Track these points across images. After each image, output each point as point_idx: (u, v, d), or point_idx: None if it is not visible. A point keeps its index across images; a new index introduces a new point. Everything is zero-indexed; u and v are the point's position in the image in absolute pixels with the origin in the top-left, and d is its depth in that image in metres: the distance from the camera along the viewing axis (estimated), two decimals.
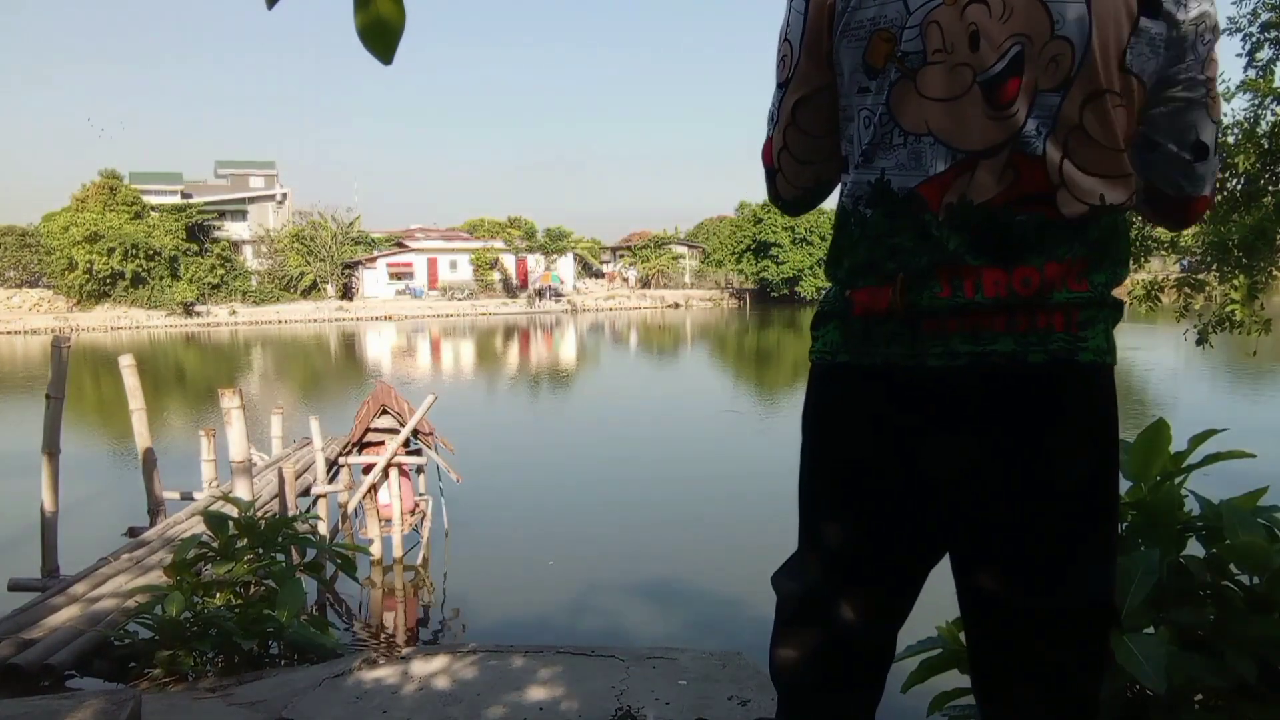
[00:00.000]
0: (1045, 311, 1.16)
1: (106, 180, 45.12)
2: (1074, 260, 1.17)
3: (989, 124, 1.14)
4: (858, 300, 1.24)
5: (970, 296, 1.16)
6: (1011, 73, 1.13)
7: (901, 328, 1.20)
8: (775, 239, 50.08)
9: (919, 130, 1.17)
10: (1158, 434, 1.51)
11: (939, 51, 1.14)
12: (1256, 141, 9.42)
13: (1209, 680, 1.29)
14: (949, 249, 1.16)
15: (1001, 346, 1.16)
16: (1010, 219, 1.15)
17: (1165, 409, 14.70)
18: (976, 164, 1.15)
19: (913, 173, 1.18)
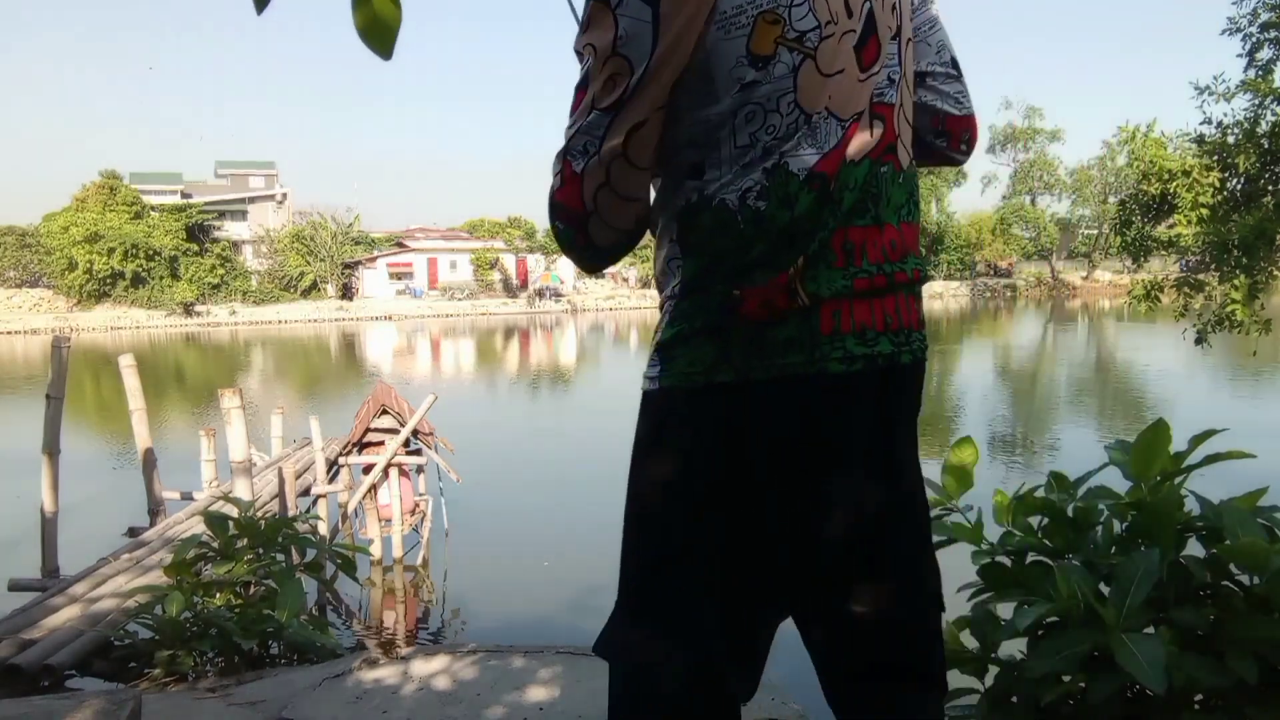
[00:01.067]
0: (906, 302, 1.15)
1: (106, 180, 45.12)
2: (914, 220, 1.17)
3: (861, 86, 1.11)
4: (752, 304, 1.10)
5: (859, 264, 1.10)
6: (869, 31, 1.10)
7: (799, 330, 1.09)
8: None
9: (819, 108, 1.09)
10: (1158, 434, 1.51)
11: (830, 23, 1.07)
12: (1256, 141, 9.41)
13: (1209, 680, 1.29)
14: (841, 214, 1.10)
15: (883, 348, 1.12)
16: (877, 172, 1.12)
17: (1165, 409, 14.69)
18: (855, 127, 1.11)
19: (813, 151, 1.09)
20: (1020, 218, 58.24)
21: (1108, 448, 1.62)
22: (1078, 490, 1.64)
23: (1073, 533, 1.58)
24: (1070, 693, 1.42)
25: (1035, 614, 1.36)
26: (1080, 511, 1.60)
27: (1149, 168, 10.66)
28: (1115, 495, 1.57)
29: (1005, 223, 58.40)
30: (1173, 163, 10.25)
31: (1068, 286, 57.70)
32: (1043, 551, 1.58)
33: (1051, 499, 1.63)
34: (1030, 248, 59.53)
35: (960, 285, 57.01)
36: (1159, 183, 10.31)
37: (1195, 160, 9.96)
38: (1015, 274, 60.55)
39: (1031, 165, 58.18)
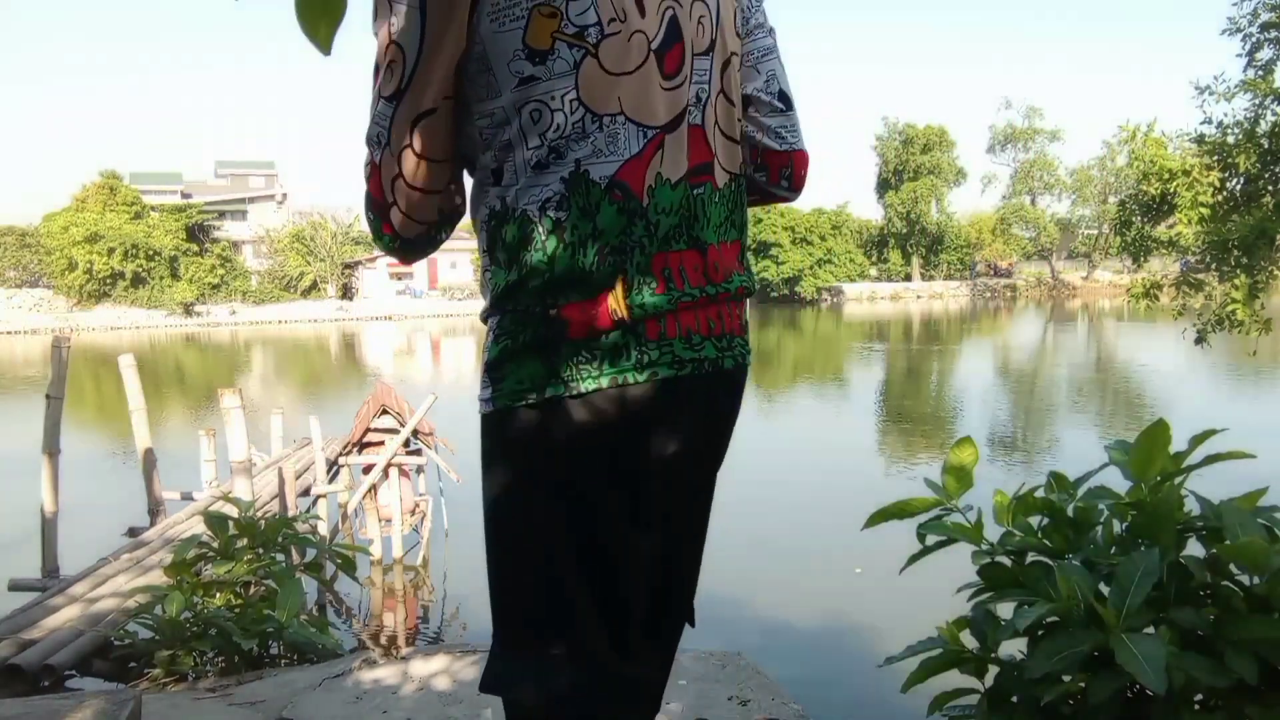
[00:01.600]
0: (728, 308, 1.16)
1: (106, 180, 45.13)
2: (734, 239, 1.17)
3: (666, 95, 1.07)
4: (572, 320, 1.07)
5: (680, 287, 1.09)
6: (673, 38, 1.07)
7: (625, 338, 1.07)
8: (775, 239, 50.10)
9: (611, 110, 1.05)
10: (1158, 434, 1.51)
11: (614, 20, 1.03)
12: (1256, 141, 9.42)
13: (1209, 680, 1.29)
14: (660, 235, 1.08)
15: (708, 353, 1.13)
16: (693, 193, 1.10)
17: (1165, 409, 14.69)
18: (664, 140, 1.07)
19: (611, 158, 1.05)
20: (1020, 218, 58.21)
21: (1108, 448, 1.62)
22: (1078, 490, 1.64)
23: (1073, 533, 1.58)
24: (1070, 693, 1.42)
25: (1035, 614, 1.36)
26: (1080, 511, 1.60)
27: (1149, 167, 10.66)
28: (1115, 495, 1.57)
29: (1005, 223, 58.38)
30: (1173, 162, 10.25)
31: (1068, 286, 57.68)
32: (1043, 551, 1.58)
33: (1051, 499, 1.63)
34: (1030, 248, 59.51)
35: (960, 285, 57.02)
36: (1159, 182, 10.31)
37: (1195, 160, 9.97)
38: (1015, 274, 60.54)
39: (1031, 165, 58.14)
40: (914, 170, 55.30)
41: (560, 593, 1.13)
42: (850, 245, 53.61)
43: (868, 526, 1.66)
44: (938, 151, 55.42)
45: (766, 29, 1.24)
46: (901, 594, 4.78)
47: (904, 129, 56.25)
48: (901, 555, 1.66)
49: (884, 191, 57.36)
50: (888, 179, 56.73)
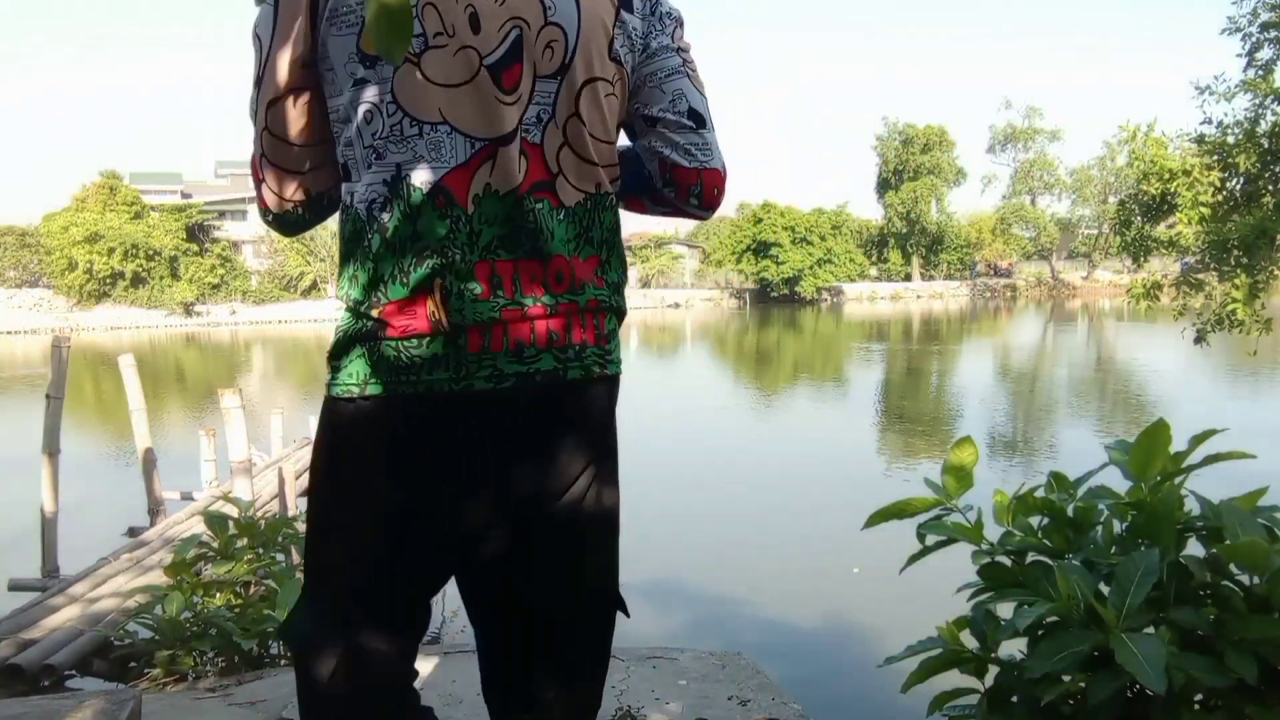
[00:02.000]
0: (580, 320, 1.17)
1: (106, 180, 45.11)
2: (590, 254, 1.19)
3: (501, 109, 1.11)
4: (392, 321, 1.11)
5: (510, 295, 1.12)
6: (513, 57, 1.11)
7: (445, 348, 1.11)
8: (775, 239, 50.07)
9: (433, 118, 1.10)
10: (1158, 434, 1.51)
11: (440, 34, 1.09)
12: (1256, 141, 9.42)
13: (1209, 680, 1.29)
14: (483, 243, 1.11)
15: (544, 365, 1.14)
16: (532, 208, 1.14)
17: (1165, 409, 14.70)
18: (496, 152, 1.11)
19: (434, 165, 1.11)
20: (1020, 218, 58.21)
21: (1108, 448, 1.62)
22: (1078, 490, 1.64)
23: (1073, 533, 1.58)
24: (1070, 693, 1.42)
25: (1035, 614, 1.36)
26: (1080, 511, 1.60)
27: (1149, 167, 10.67)
28: (1115, 495, 1.57)
29: (1005, 223, 58.37)
30: (1173, 162, 10.25)
31: (1068, 286, 57.67)
32: (1043, 551, 1.58)
33: (1051, 499, 1.63)
34: (1030, 248, 59.50)
35: (960, 285, 57.01)
36: (1159, 182, 10.31)
37: (1195, 160, 9.97)
38: (1015, 274, 60.53)
39: (1031, 165, 58.13)
40: (914, 170, 55.28)
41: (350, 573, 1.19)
42: (850, 245, 53.58)
43: (867, 526, 1.66)
44: (938, 151, 55.41)
45: (672, 49, 1.25)
46: (901, 594, 4.78)
47: (904, 129, 56.24)
48: (901, 555, 1.66)
49: (884, 191, 57.34)
50: (888, 179, 56.72)
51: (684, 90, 1.25)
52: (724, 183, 1.30)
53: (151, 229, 44.41)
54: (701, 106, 1.27)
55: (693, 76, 1.27)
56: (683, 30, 1.29)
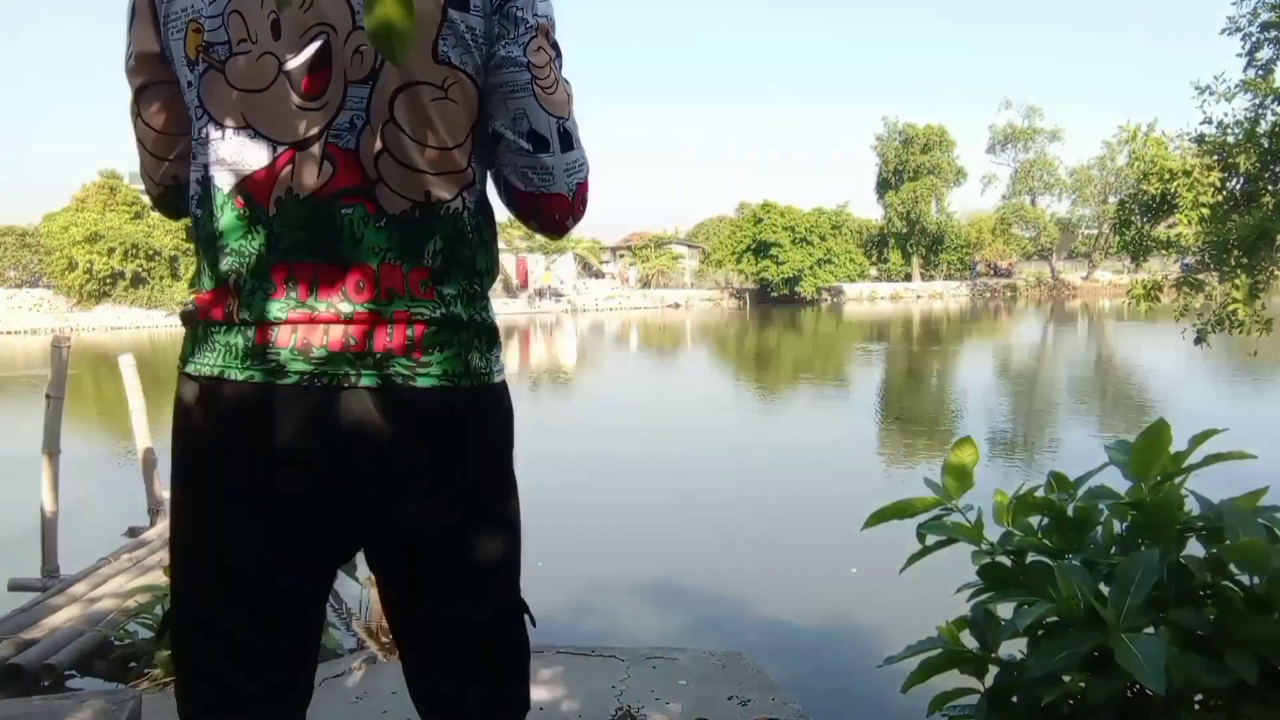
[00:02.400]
0: (385, 328, 1.14)
1: (106, 180, 45.11)
2: (412, 264, 1.15)
3: (301, 115, 1.12)
4: (200, 306, 1.19)
5: (304, 298, 1.13)
6: (319, 63, 1.11)
7: (238, 338, 1.15)
8: (775, 239, 50.08)
9: (236, 123, 1.14)
10: (1158, 434, 1.51)
11: (244, 41, 1.12)
12: (1257, 141, 9.42)
13: (1209, 680, 1.29)
14: (282, 246, 1.13)
15: (333, 368, 1.14)
16: (336, 213, 1.13)
17: (1165, 409, 14.69)
18: (295, 156, 1.12)
19: (234, 168, 1.14)
20: (1020, 218, 58.22)
21: (1108, 448, 1.62)
22: (1078, 490, 1.64)
23: (1073, 533, 1.58)
24: (1070, 693, 1.42)
25: (1035, 614, 1.36)
26: (1080, 511, 1.60)
27: (1149, 167, 10.67)
28: (1115, 495, 1.57)
29: (1005, 223, 58.38)
30: (1173, 162, 10.25)
31: (1068, 286, 57.67)
32: (1043, 551, 1.58)
33: (1051, 499, 1.63)
34: (1030, 248, 59.52)
35: (960, 285, 57.01)
36: (1159, 182, 10.32)
37: (1195, 160, 9.97)
38: (1015, 274, 60.53)
39: (1031, 165, 58.15)
40: (914, 170, 55.29)
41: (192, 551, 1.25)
42: (850, 245, 53.58)
43: (867, 526, 1.66)
44: (938, 151, 55.42)
45: (521, 63, 1.17)
46: (901, 594, 4.78)
47: (904, 129, 56.24)
48: (901, 555, 1.66)
49: (884, 191, 57.36)
50: (888, 179, 56.73)
51: (527, 109, 1.18)
52: (570, 206, 1.25)
53: (151, 229, 44.40)
54: (547, 127, 1.19)
55: (543, 94, 1.19)
56: (545, 37, 1.19)
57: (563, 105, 1.21)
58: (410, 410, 1.17)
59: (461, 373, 1.19)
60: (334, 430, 1.15)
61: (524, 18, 1.17)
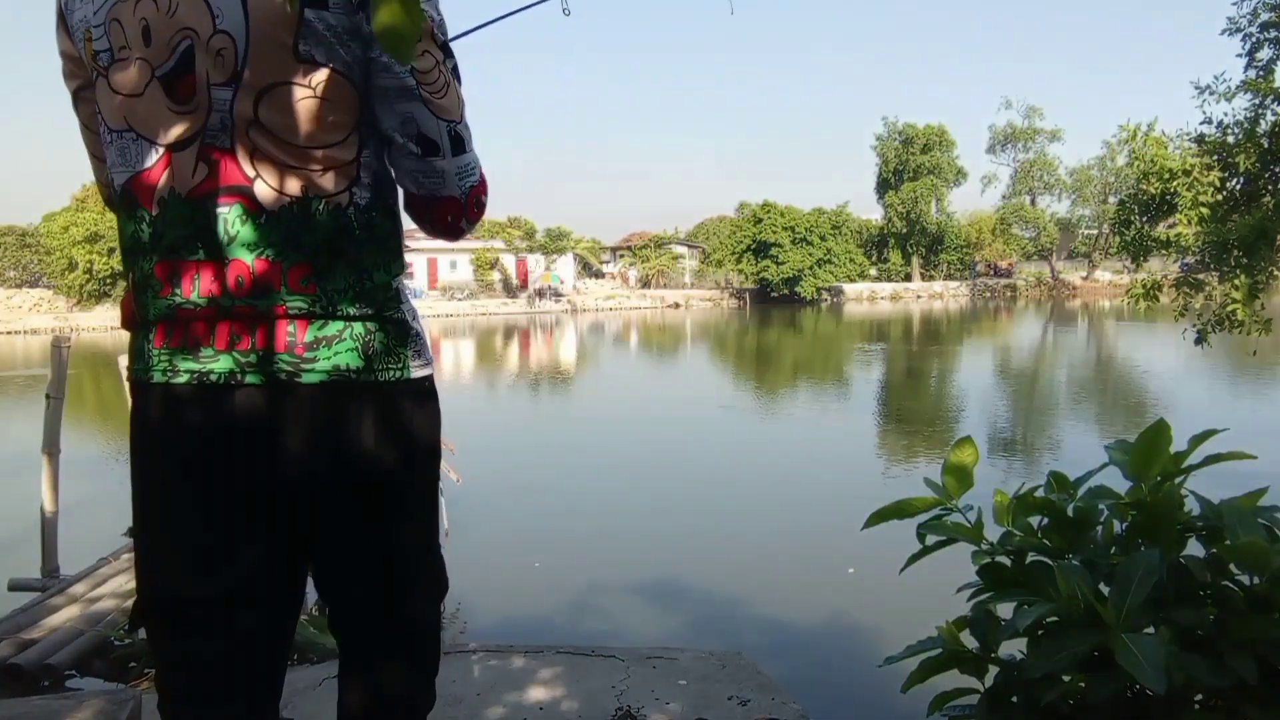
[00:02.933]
0: (266, 325, 1.17)
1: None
2: (291, 259, 1.17)
3: (175, 118, 1.15)
4: (124, 306, 1.28)
5: (188, 294, 1.16)
6: (185, 68, 1.14)
7: (144, 342, 1.23)
8: (775, 239, 50.08)
9: (121, 126, 1.19)
10: (1158, 434, 1.51)
11: (124, 48, 1.16)
12: (1256, 141, 9.42)
13: (1209, 680, 1.29)
14: (165, 244, 1.17)
15: (219, 366, 1.17)
16: (213, 210, 1.15)
17: (1165, 409, 14.69)
18: (172, 157, 1.17)
19: (125, 168, 1.20)
20: (1020, 218, 58.24)
21: (1108, 448, 1.62)
22: (1078, 490, 1.64)
23: (1073, 533, 1.58)
24: (1070, 693, 1.42)
25: (1035, 614, 1.36)
26: (1080, 511, 1.60)
27: (1149, 167, 10.67)
28: (1115, 495, 1.57)
29: (1005, 223, 58.40)
30: (1173, 162, 10.25)
31: (1068, 286, 57.67)
32: (1043, 551, 1.58)
33: (1051, 499, 1.63)
34: (1030, 248, 59.54)
35: (960, 285, 57.02)
36: (1159, 182, 10.31)
37: (1195, 160, 9.96)
38: (1015, 274, 60.53)
39: (1031, 165, 58.17)
40: (914, 170, 55.31)
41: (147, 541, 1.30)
42: (850, 245, 53.60)
43: (867, 526, 1.66)
44: (938, 151, 55.43)
45: (402, 71, 1.16)
46: (901, 594, 4.78)
47: (904, 129, 56.26)
48: (901, 555, 1.66)
49: (884, 191, 57.37)
50: (888, 179, 56.74)
51: (414, 113, 1.19)
52: (463, 209, 1.26)
53: None
54: (436, 131, 1.20)
55: (430, 98, 1.18)
56: (430, 39, 1.18)
57: (453, 109, 1.21)
58: (297, 405, 1.19)
59: (358, 368, 1.20)
60: (225, 428, 1.19)
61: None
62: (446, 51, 1.21)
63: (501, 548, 9.07)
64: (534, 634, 6.18)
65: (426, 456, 1.32)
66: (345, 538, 1.27)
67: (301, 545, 1.28)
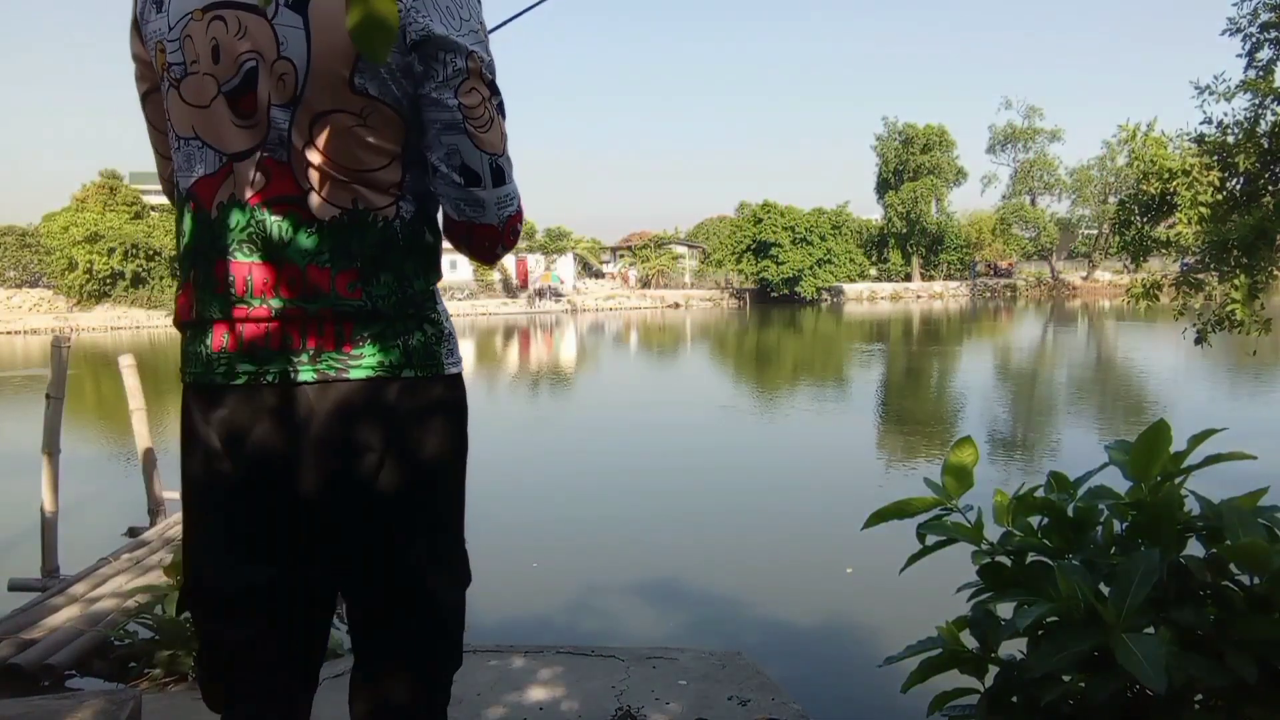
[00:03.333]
0: (316, 326, 1.25)
1: (106, 180, 45.12)
2: (340, 266, 1.26)
3: (237, 130, 1.25)
4: (178, 304, 1.35)
5: (241, 293, 1.25)
6: (248, 86, 1.23)
7: (199, 344, 1.30)
8: (775, 239, 50.08)
9: (189, 134, 1.29)
10: (1158, 435, 1.51)
11: (194, 63, 1.26)
12: (1256, 141, 9.41)
13: (1209, 680, 1.29)
14: (221, 245, 1.26)
15: (274, 366, 1.26)
16: (265, 217, 1.25)
17: (1165, 409, 14.68)
18: (234, 166, 1.26)
19: (189, 173, 1.30)
20: (1020, 218, 58.23)
21: (1108, 448, 1.62)
22: (1078, 490, 1.64)
23: (1073, 533, 1.58)
24: (1070, 693, 1.42)
25: (1035, 614, 1.36)
26: (1080, 511, 1.60)
27: (1149, 167, 10.66)
28: (1115, 495, 1.57)
29: (1005, 223, 58.39)
30: (1172, 162, 10.24)
31: (1068, 286, 57.66)
32: (1043, 551, 1.58)
33: (1051, 499, 1.63)
34: (1030, 248, 59.53)
35: (960, 285, 57.01)
36: (1159, 182, 10.30)
37: (1195, 160, 9.96)
38: (1015, 274, 60.52)
39: (1031, 165, 58.17)
40: (914, 170, 55.31)
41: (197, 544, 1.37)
42: (850, 245, 53.59)
43: (867, 527, 1.66)
44: (938, 151, 55.43)
45: (450, 105, 1.24)
46: (901, 594, 4.78)
47: (904, 129, 56.26)
48: (902, 555, 1.66)
49: (884, 191, 57.37)
50: (888, 179, 56.75)
51: (459, 146, 1.26)
52: (500, 236, 1.34)
53: (151, 229, 44.40)
54: (479, 164, 1.28)
55: (475, 133, 1.26)
56: (478, 78, 1.26)
57: (496, 143, 1.29)
58: (344, 400, 1.27)
59: (399, 364, 1.29)
60: (282, 424, 1.27)
61: (451, 59, 1.23)
62: (493, 89, 1.29)
63: (501, 548, 9.07)
64: (534, 634, 6.18)
65: (458, 448, 1.41)
66: (379, 523, 1.33)
67: (337, 534, 1.33)
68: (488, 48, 1.29)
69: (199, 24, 1.24)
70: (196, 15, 1.24)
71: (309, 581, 1.36)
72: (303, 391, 1.26)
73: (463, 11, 1.24)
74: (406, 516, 1.34)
